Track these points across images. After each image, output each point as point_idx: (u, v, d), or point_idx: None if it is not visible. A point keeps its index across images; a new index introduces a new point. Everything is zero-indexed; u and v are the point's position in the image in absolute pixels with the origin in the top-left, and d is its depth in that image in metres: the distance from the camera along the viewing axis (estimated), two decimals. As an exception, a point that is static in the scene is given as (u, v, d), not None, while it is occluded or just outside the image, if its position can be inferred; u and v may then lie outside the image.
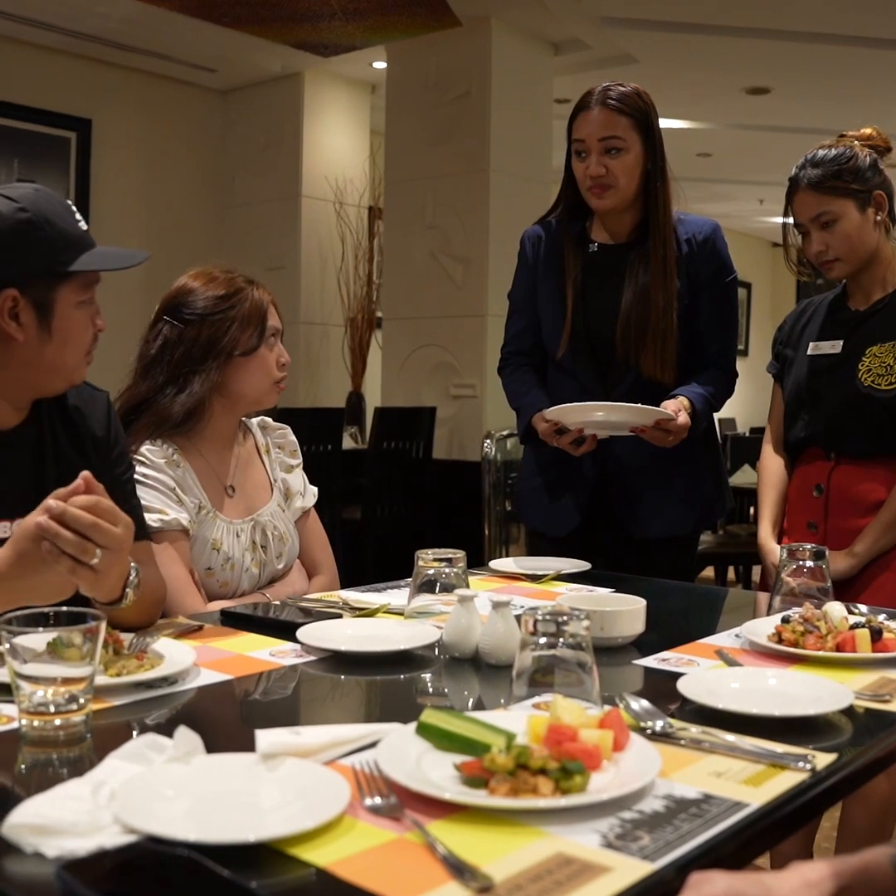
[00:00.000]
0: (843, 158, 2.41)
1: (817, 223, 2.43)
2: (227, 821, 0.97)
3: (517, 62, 6.07)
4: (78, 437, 1.81)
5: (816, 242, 2.44)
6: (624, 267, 2.58)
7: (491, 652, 1.58)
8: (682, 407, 2.46)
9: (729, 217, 11.11)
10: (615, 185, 2.51)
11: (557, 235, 2.67)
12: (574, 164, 2.56)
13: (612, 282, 2.58)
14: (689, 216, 2.64)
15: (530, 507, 2.78)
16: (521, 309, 2.74)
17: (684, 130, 7.92)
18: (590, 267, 2.62)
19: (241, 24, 6.03)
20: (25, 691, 1.21)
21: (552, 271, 2.65)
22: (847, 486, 2.43)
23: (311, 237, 7.01)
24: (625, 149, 2.49)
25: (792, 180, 2.46)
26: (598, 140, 2.48)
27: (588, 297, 2.61)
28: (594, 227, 2.67)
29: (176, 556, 2.00)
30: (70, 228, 1.67)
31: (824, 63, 6.38)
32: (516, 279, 2.77)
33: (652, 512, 2.62)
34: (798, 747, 1.21)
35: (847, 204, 2.40)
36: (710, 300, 2.61)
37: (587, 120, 2.50)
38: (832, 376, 2.48)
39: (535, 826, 0.98)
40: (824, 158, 2.42)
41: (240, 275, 2.19)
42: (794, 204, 2.47)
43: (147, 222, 6.91)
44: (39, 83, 6.38)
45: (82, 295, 1.70)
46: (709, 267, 2.60)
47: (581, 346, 2.59)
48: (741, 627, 1.74)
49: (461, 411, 6.07)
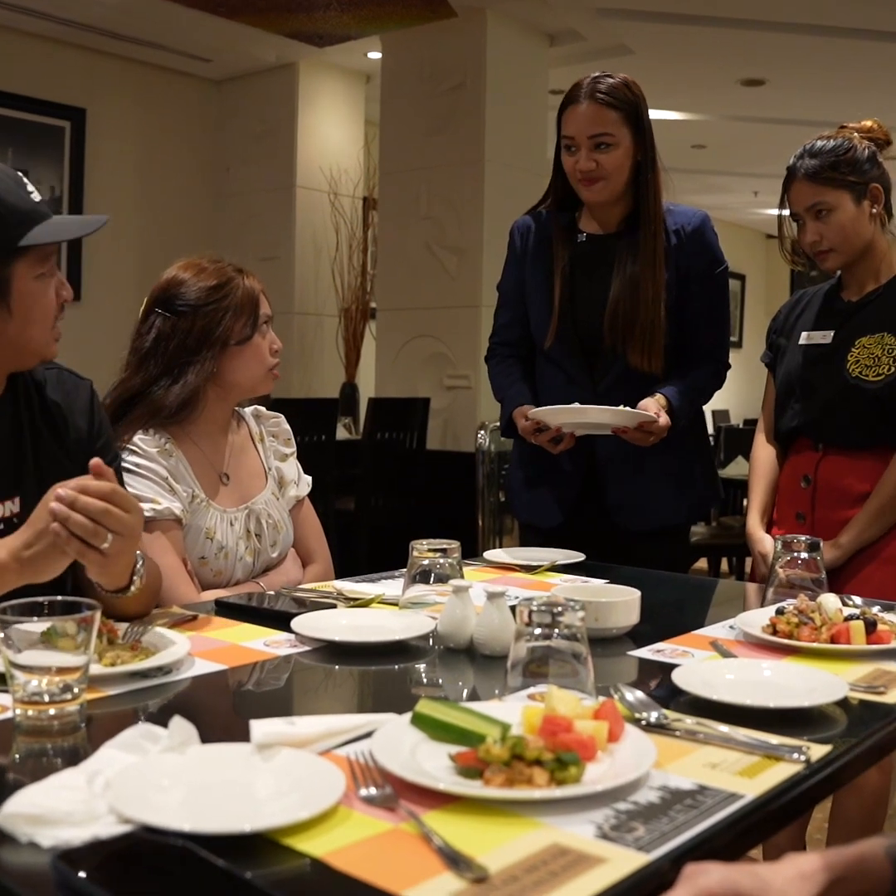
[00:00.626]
0: (841, 150, 2.40)
1: (812, 213, 2.43)
2: (223, 811, 0.97)
3: (512, 53, 6.05)
4: (55, 424, 1.78)
5: (811, 232, 2.44)
6: (612, 257, 2.56)
7: (486, 643, 1.58)
8: (661, 406, 2.46)
9: (723, 209, 11.12)
10: (606, 177, 2.49)
11: (546, 226, 2.66)
12: (564, 157, 2.55)
13: (601, 272, 2.57)
14: (678, 207, 2.62)
15: (518, 499, 2.78)
16: (510, 300, 2.74)
17: (679, 122, 7.92)
18: (578, 258, 2.61)
19: (236, 13, 6.01)
20: (19, 680, 1.21)
21: (540, 262, 2.64)
22: (834, 478, 2.43)
23: (305, 227, 7.00)
24: (614, 144, 2.46)
25: (789, 169, 2.46)
26: (587, 137, 2.46)
27: (576, 288, 2.60)
28: (583, 217, 2.65)
29: (168, 546, 2.00)
30: (20, 202, 1.61)
31: (820, 55, 6.38)
32: (505, 270, 2.76)
33: (641, 503, 2.61)
34: (793, 739, 1.21)
35: (843, 195, 2.40)
36: (700, 291, 2.60)
37: (576, 115, 2.48)
38: (822, 367, 2.48)
39: (530, 817, 0.98)
40: (822, 149, 2.41)
41: (229, 264, 2.19)
42: (790, 193, 2.47)
43: (141, 212, 6.89)
44: (34, 72, 6.35)
45: (39, 268, 1.64)
46: (698, 258, 2.59)
47: (568, 337, 2.59)
48: (735, 619, 1.74)
49: (455, 402, 6.07)
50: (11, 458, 1.71)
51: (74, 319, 5.88)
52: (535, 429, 2.48)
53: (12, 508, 1.69)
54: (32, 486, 1.67)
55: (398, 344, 6.31)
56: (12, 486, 1.69)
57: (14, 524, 1.63)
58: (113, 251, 6.58)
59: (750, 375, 3.34)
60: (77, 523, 1.40)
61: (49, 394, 1.79)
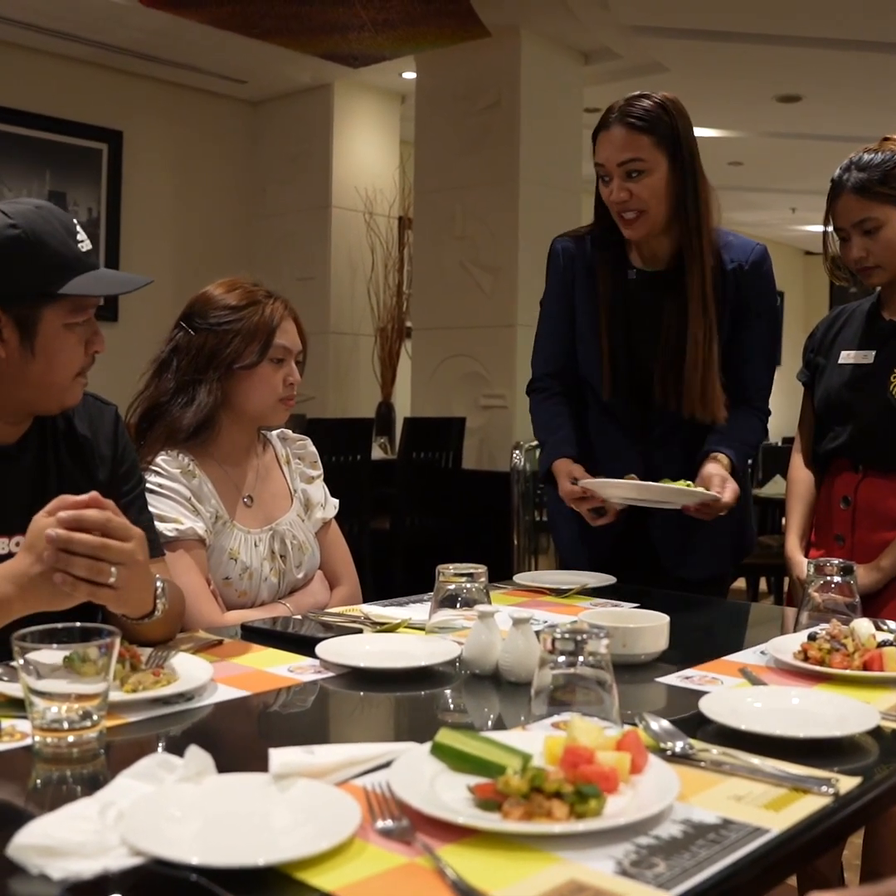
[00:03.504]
0: (890, 164, 2.32)
1: (859, 229, 2.35)
2: (236, 843, 0.96)
3: (547, 71, 6.06)
4: (82, 454, 1.79)
5: (857, 248, 2.37)
6: (662, 301, 2.42)
7: (511, 669, 1.56)
8: (725, 471, 2.33)
9: (761, 226, 11.06)
10: (645, 209, 2.33)
11: (592, 258, 2.50)
12: (600, 187, 2.40)
13: (652, 318, 2.44)
14: (738, 238, 2.48)
15: (559, 532, 2.68)
16: (557, 329, 2.57)
17: (715, 139, 7.89)
18: (630, 299, 2.47)
19: (270, 35, 6.05)
20: (39, 708, 1.21)
21: (588, 297, 2.50)
22: (874, 500, 2.39)
23: (340, 247, 7.03)
24: (647, 170, 2.30)
25: (835, 182, 2.38)
26: (616, 164, 2.31)
27: (631, 333, 2.46)
28: (633, 250, 2.50)
29: (192, 565, 2.00)
30: (65, 249, 1.62)
31: (856, 70, 6.33)
32: (550, 289, 2.59)
33: (690, 551, 2.50)
34: (822, 770, 1.18)
35: (892, 211, 2.33)
36: (753, 330, 2.47)
37: (606, 141, 2.33)
38: (863, 387, 2.43)
39: (548, 851, 0.96)
40: (870, 163, 2.33)
41: (262, 288, 2.18)
42: (836, 207, 2.38)
43: (178, 233, 6.94)
44: (71, 95, 6.43)
45: (72, 317, 1.65)
46: (755, 296, 2.46)
47: (622, 386, 2.46)
48: (767, 644, 1.71)
49: (491, 422, 6.05)
50: (34, 494, 1.70)
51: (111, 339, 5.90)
52: (580, 496, 2.35)
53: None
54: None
55: (434, 363, 6.31)
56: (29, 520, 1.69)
57: None
58: (149, 271, 6.59)
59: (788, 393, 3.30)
60: (79, 566, 1.39)
61: (77, 425, 1.80)
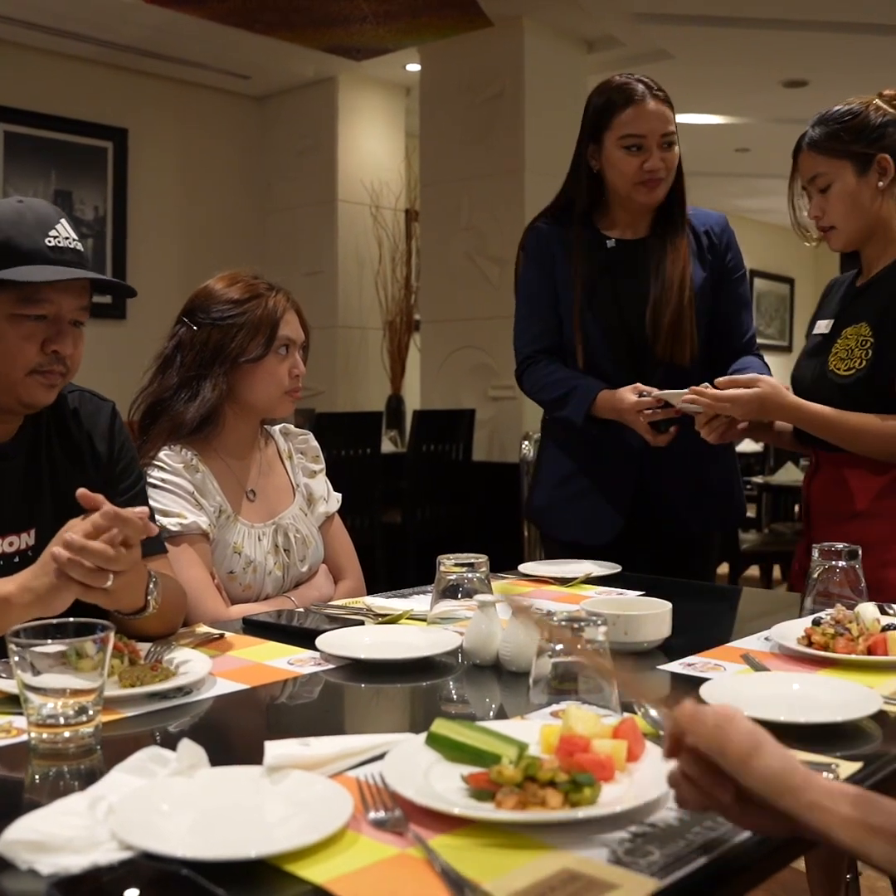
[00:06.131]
0: (848, 115, 2.17)
1: (815, 187, 2.24)
2: (227, 836, 0.95)
3: (550, 61, 6.03)
4: (77, 451, 1.77)
5: (813, 208, 2.27)
6: (649, 261, 2.53)
7: (511, 659, 1.55)
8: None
9: (769, 212, 10.98)
10: (665, 177, 2.48)
11: (569, 236, 2.59)
12: (623, 157, 2.47)
13: (638, 278, 2.53)
14: (697, 209, 2.63)
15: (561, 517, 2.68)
16: (540, 308, 2.64)
17: (721, 126, 7.83)
18: (614, 266, 2.56)
19: (273, 30, 6.04)
20: (34, 703, 1.20)
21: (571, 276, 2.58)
22: (828, 489, 2.27)
23: (348, 241, 7.02)
24: (675, 142, 2.48)
25: (798, 139, 2.28)
26: (660, 135, 2.44)
27: (617, 295, 2.54)
28: (606, 223, 2.60)
29: (196, 559, 1.99)
30: (23, 239, 1.56)
31: (861, 53, 6.28)
32: (529, 272, 2.66)
33: (690, 510, 2.57)
34: (823, 755, 1.17)
35: (843, 166, 2.17)
36: (734, 286, 2.63)
37: (645, 113, 2.44)
38: (813, 360, 2.30)
39: (541, 840, 0.96)
40: (830, 116, 2.21)
41: (263, 281, 2.17)
42: (797, 165, 2.29)
43: (184, 230, 6.94)
44: (75, 94, 6.43)
45: (19, 308, 1.57)
46: (730, 256, 2.63)
47: (619, 342, 2.54)
48: (771, 630, 1.70)
49: (500, 413, 6.04)
50: (27, 493, 1.70)
51: (118, 338, 6.00)
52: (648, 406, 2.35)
53: (28, 541, 1.69)
54: (48, 518, 1.66)
55: (442, 355, 6.30)
56: (27, 519, 1.69)
57: (29, 556, 1.63)
58: (156, 269, 6.64)
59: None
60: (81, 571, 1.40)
61: (71, 423, 1.78)
